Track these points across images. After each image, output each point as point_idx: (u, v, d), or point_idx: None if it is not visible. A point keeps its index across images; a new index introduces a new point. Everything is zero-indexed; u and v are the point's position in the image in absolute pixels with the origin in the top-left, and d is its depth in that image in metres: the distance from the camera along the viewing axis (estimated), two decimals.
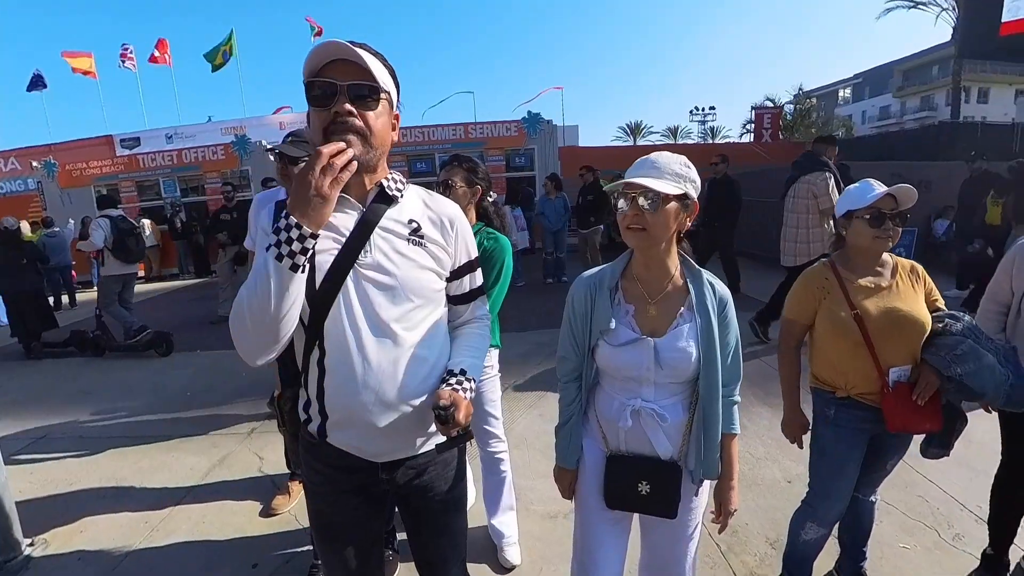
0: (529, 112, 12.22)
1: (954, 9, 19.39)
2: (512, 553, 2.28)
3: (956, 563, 2.22)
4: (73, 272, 9.72)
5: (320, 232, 1.07)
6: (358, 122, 1.08)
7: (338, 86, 1.07)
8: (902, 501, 2.58)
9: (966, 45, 11.90)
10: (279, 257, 1.00)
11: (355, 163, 1.04)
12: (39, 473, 3.26)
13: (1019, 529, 2.05)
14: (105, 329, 5.73)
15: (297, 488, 2.75)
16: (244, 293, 1.05)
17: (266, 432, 3.61)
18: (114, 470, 3.24)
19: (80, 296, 9.97)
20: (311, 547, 2.28)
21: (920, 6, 21.75)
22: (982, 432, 1.76)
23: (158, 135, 15.60)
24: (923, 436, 1.79)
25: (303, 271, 1.03)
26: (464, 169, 2.15)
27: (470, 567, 2.32)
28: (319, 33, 17.00)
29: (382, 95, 1.12)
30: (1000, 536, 2.07)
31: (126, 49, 17.41)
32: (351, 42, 1.08)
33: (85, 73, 16.45)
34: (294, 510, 2.69)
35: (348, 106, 1.07)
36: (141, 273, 12.16)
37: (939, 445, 1.78)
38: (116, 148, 13.59)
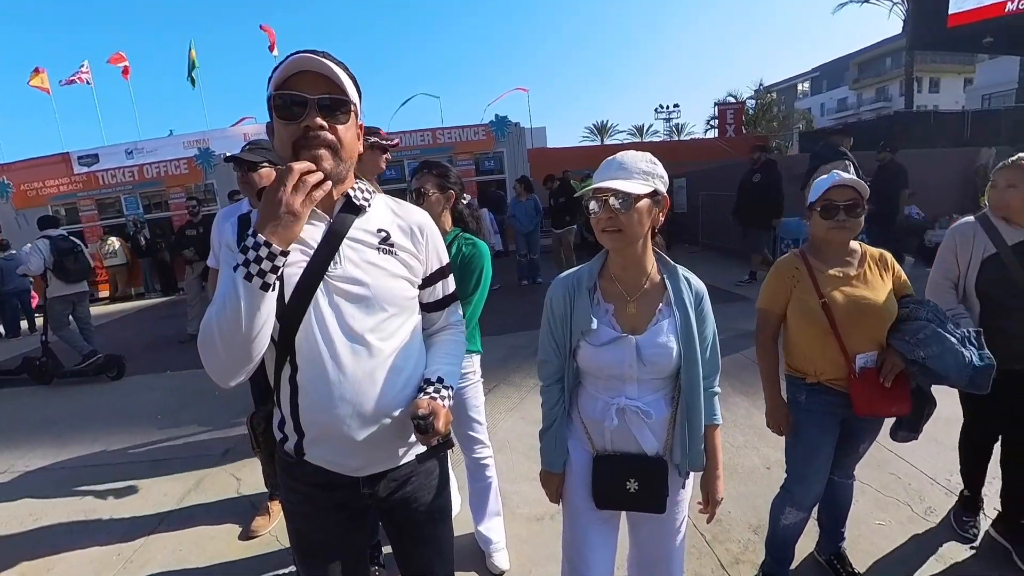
0: (496, 115, 12.29)
1: (904, 2, 20.17)
2: (500, 559, 2.26)
3: (929, 535, 2.31)
4: (34, 296, 9.32)
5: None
6: (329, 136, 1.06)
7: (308, 99, 1.04)
8: (876, 479, 2.66)
9: (916, 37, 12.35)
10: (248, 276, 0.97)
11: (328, 183, 1.03)
12: (2, 511, 3.10)
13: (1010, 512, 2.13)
14: (51, 355, 5.50)
15: (277, 508, 2.68)
16: (212, 314, 1.01)
17: (243, 452, 3.51)
18: (83, 502, 3.11)
19: (41, 321, 9.56)
20: (293, 568, 2.23)
21: (872, 1, 22.57)
22: (948, 410, 1.83)
23: (117, 151, 15.09)
24: (893, 419, 1.85)
25: (273, 289, 1.00)
26: (435, 175, 2.13)
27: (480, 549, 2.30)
28: (272, 42, 16.71)
29: (351, 107, 1.10)
30: (972, 480, 2.29)
31: (82, 66, 16.86)
32: (316, 52, 1.07)
33: (38, 87, 15.88)
34: (275, 531, 2.62)
35: (320, 120, 1.05)
36: (105, 293, 11.81)
37: (908, 428, 1.84)
38: (73, 166, 13.06)
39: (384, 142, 3.23)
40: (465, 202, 2.25)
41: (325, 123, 1.05)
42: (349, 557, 1.30)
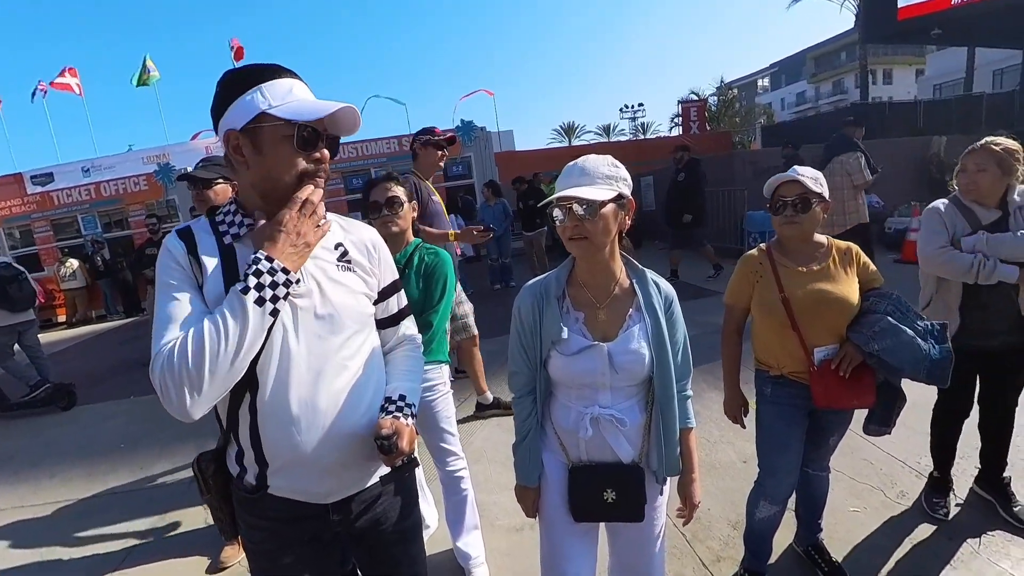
0: (462, 120, 12.24)
1: None
2: (480, 573, 2.21)
3: (903, 519, 2.35)
4: None
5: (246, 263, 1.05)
6: (328, 167, 1.13)
7: (323, 135, 1.09)
8: (849, 466, 2.70)
9: (869, 31, 12.79)
10: (260, 301, 0.96)
11: (329, 223, 1.13)
12: None
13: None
14: None
15: None
16: (205, 341, 0.93)
17: None
18: (40, 540, 2.93)
19: None
20: None
21: None
22: (916, 395, 1.86)
23: (73, 169, 14.53)
24: (866, 413, 1.87)
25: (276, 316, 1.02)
26: (403, 184, 2.11)
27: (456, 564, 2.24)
28: (238, 53, 16.32)
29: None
30: (942, 460, 2.35)
31: (40, 83, 16.29)
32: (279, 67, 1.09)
33: None
34: (244, 561, 2.51)
35: (327, 153, 1.11)
36: (63, 317, 11.33)
37: (879, 423, 1.86)
38: (26, 186, 12.51)
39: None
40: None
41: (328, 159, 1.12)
42: None
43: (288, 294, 1.01)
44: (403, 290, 1.35)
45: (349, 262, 1.17)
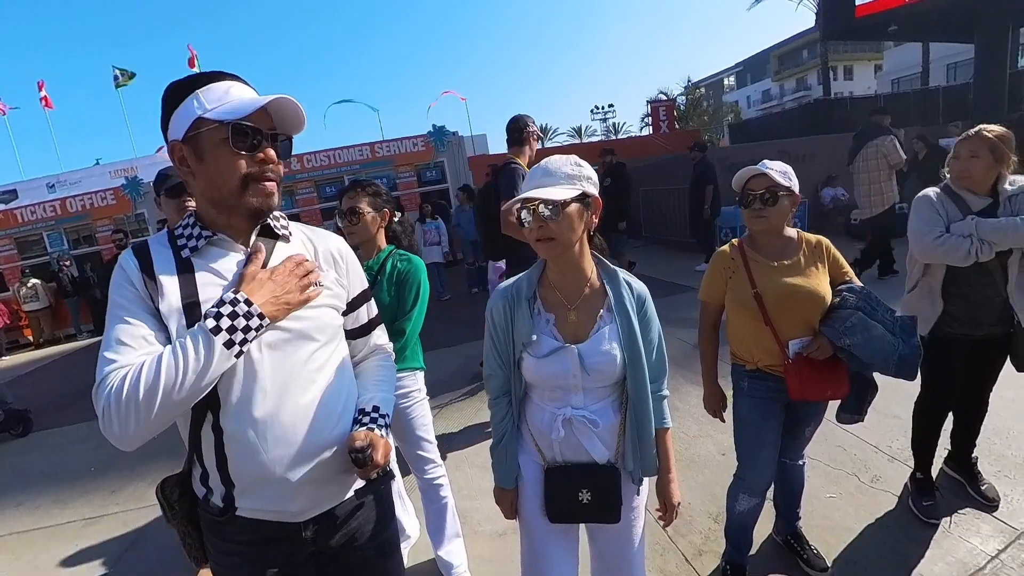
0: (434, 125, 12.18)
1: None
2: None
3: (877, 502, 2.39)
4: None
5: (205, 277, 1.04)
6: (280, 170, 1.06)
7: (265, 133, 1.02)
8: (824, 454, 2.73)
9: (828, 28, 13.07)
10: (229, 344, 0.94)
11: (320, 288, 1.09)
12: None
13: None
14: None
15: None
16: (162, 374, 0.90)
17: None
18: (5, 574, 2.81)
19: None
20: None
21: None
22: (882, 379, 1.88)
23: (38, 185, 14.08)
24: (838, 403, 1.88)
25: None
26: (368, 194, 2.07)
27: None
28: (191, 62, 16.01)
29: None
30: (924, 457, 2.33)
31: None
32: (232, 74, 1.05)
33: None
34: None
35: (274, 155, 1.05)
36: (29, 338, 10.91)
37: (852, 411, 1.88)
38: None
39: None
40: (397, 219, 2.19)
41: (277, 160, 1.05)
42: None
43: (257, 337, 0.98)
44: (373, 299, 1.32)
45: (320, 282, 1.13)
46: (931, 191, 2.16)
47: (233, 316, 0.94)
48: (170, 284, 1.01)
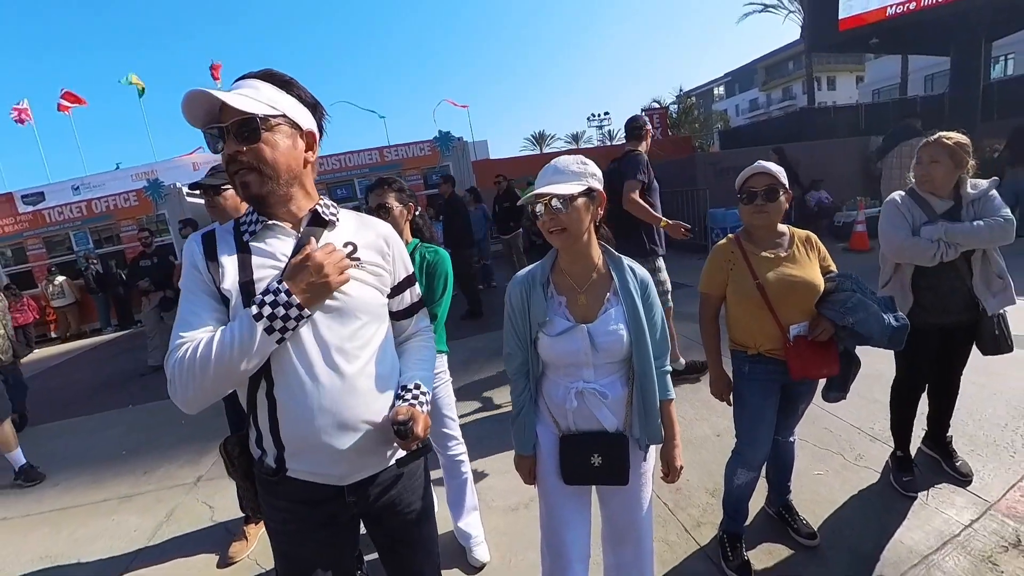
0: (440, 131, 12.21)
1: (799, 10, 21.44)
2: (481, 552, 2.23)
3: (860, 478, 2.45)
4: None
5: (260, 259, 1.08)
6: (245, 159, 1.04)
7: (221, 128, 1.03)
8: (812, 435, 2.79)
9: (813, 41, 13.10)
10: (269, 330, 0.99)
11: (347, 275, 1.09)
12: None
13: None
14: None
15: (254, 531, 2.55)
16: (211, 351, 0.99)
17: (214, 479, 3.33)
18: (47, 546, 2.85)
19: None
20: None
21: (770, 9, 23.89)
22: (867, 366, 1.94)
23: (64, 187, 14.09)
24: (824, 383, 1.94)
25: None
26: (395, 190, 2.12)
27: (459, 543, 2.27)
28: (215, 73, 15.99)
29: (272, 122, 1.06)
30: (902, 436, 2.39)
31: (19, 103, 15.62)
32: (251, 73, 1.06)
33: None
34: (254, 555, 2.48)
35: (233, 147, 1.03)
36: (55, 333, 10.95)
37: (838, 389, 1.93)
38: (17, 205, 12.07)
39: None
40: (418, 213, 2.23)
41: (241, 148, 1.03)
42: (337, 572, 1.24)
43: (298, 326, 1.03)
44: (417, 284, 1.35)
45: (358, 258, 1.16)
46: (897, 195, 2.22)
47: (274, 305, 1.00)
48: (230, 265, 1.08)
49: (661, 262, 3.69)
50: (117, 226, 11.47)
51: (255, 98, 1.03)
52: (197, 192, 2.32)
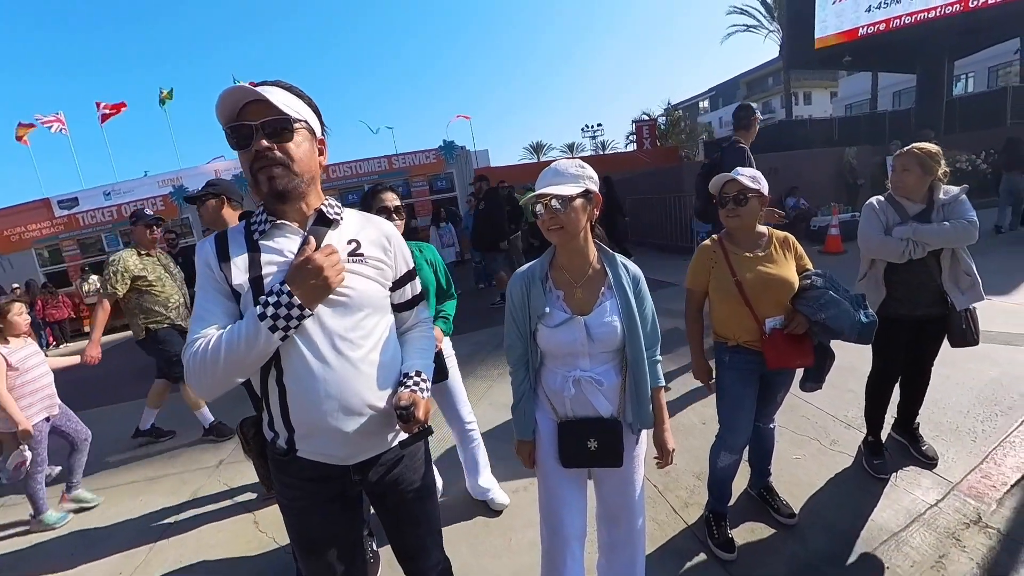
0: (444, 141, 12.23)
1: (779, 30, 21.45)
2: (500, 496, 2.36)
3: (835, 461, 2.45)
4: None
5: (268, 256, 1.07)
6: (278, 155, 1.04)
7: (252, 126, 1.01)
8: (790, 422, 2.79)
9: (791, 58, 13.14)
10: (273, 328, 0.99)
11: (341, 275, 1.07)
12: (7, 534, 2.79)
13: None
14: None
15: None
16: (220, 346, 1.01)
17: (234, 462, 3.32)
18: (80, 523, 2.84)
19: None
20: (295, 566, 2.10)
21: (752, 29, 23.88)
22: (842, 359, 1.95)
23: (96, 193, 14.02)
24: (801, 374, 1.94)
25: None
26: (396, 193, 2.13)
27: (467, 524, 2.31)
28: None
29: (297, 125, 1.06)
30: (874, 424, 2.39)
31: (58, 115, 15.60)
32: (257, 83, 1.04)
33: (24, 143, 14.72)
34: (272, 532, 2.47)
35: (265, 143, 1.02)
36: (87, 328, 10.93)
37: (813, 380, 1.94)
38: (54, 210, 12.05)
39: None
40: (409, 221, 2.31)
41: (272, 144, 1.03)
42: (346, 545, 1.23)
43: (300, 324, 1.03)
44: (418, 278, 1.34)
45: (362, 254, 1.16)
46: (875, 200, 2.24)
47: (277, 305, 1.00)
48: (241, 262, 1.08)
49: None
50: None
51: (284, 102, 1.04)
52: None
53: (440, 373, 2.13)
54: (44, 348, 9.73)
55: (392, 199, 2.07)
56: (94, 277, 10.68)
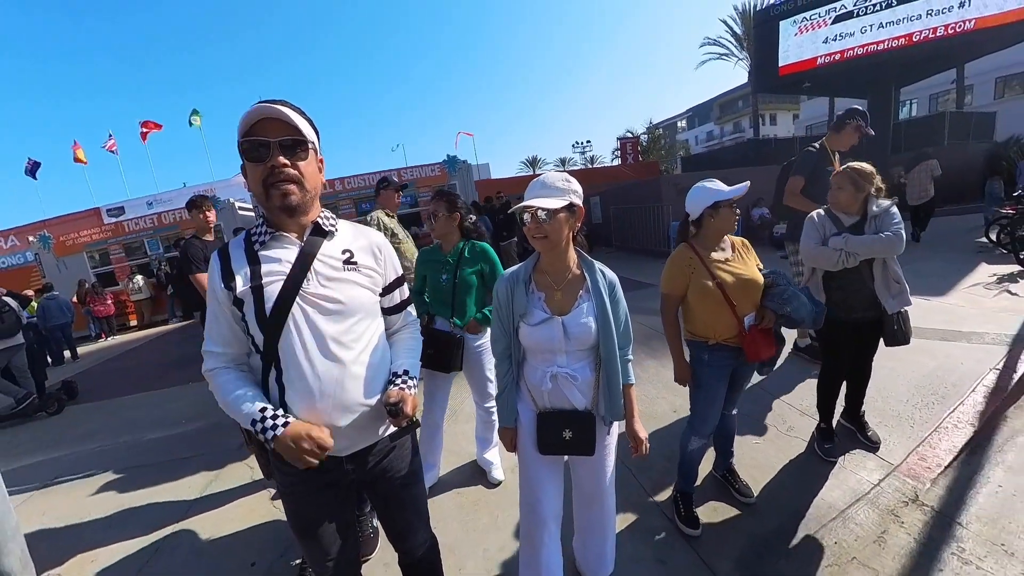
0: (448, 155, 12.20)
1: (747, 59, 21.40)
2: (498, 473, 2.39)
3: (790, 445, 2.43)
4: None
5: (268, 266, 1.05)
6: (293, 172, 1.01)
7: (271, 142, 0.98)
8: (751, 410, 2.76)
9: (758, 83, 13.08)
10: (253, 432, 1.04)
11: (316, 461, 1.05)
12: (52, 512, 2.76)
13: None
14: None
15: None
16: (221, 398, 1.07)
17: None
18: (120, 498, 2.81)
19: (81, 350, 8.70)
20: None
21: (723, 57, 23.84)
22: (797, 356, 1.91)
23: (140, 203, 14.04)
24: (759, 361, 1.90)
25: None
26: (445, 201, 2.19)
27: (467, 490, 2.33)
28: None
29: (309, 145, 1.04)
30: (826, 412, 2.37)
31: (110, 136, 15.75)
32: (273, 101, 0.99)
33: (78, 160, 14.79)
34: (279, 505, 2.44)
35: (282, 159, 0.99)
36: (133, 322, 10.91)
37: (770, 365, 1.90)
38: (103, 217, 12.10)
39: (398, 182, 3.34)
40: (471, 220, 2.28)
41: (288, 161, 1.00)
42: (340, 527, 1.21)
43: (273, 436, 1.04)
44: (405, 284, 1.31)
45: (355, 263, 1.13)
46: (815, 213, 2.24)
47: (263, 431, 1.03)
48: (242, 273, 1.05)
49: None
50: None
51: (301, 123, 1.02)
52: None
53: (450, 365, 2.17)
54: (95, 339, 9.74)
55: (436, 207, 2.21)
56: (139, 277, 10.68)
